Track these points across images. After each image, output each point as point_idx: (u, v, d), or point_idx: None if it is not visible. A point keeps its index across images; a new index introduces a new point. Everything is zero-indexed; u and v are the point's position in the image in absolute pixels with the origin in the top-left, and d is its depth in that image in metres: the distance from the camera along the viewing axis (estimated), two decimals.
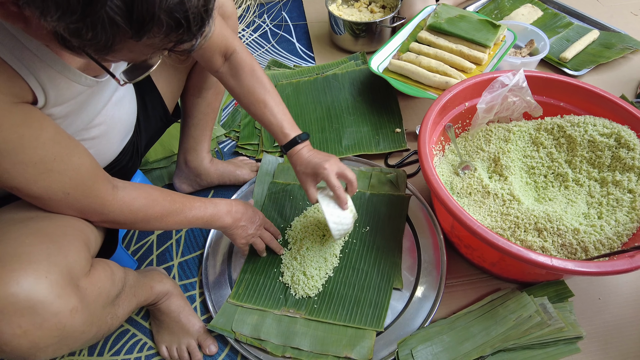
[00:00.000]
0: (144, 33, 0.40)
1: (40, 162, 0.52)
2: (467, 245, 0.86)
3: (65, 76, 0.54)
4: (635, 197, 0.83)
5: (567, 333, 0.79)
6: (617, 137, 0.87)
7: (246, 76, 0.78)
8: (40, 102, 0.52)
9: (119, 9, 0.37)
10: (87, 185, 0.58)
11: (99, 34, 0.39)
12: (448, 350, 0.77)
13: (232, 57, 0.78)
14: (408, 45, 1.20)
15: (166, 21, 0.40)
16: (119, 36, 0.40)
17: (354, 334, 0.80)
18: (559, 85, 0.97)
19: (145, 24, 0.39)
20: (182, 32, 0.42)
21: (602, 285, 0.87)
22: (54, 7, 0.37)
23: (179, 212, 0.71)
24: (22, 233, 0.53)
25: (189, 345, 0.82)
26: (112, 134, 0.71)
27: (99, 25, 0.38)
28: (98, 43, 0.40)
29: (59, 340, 0.50)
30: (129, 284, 0.68)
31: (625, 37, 1.36)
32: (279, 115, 0.79)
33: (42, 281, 0.48)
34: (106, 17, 0.37)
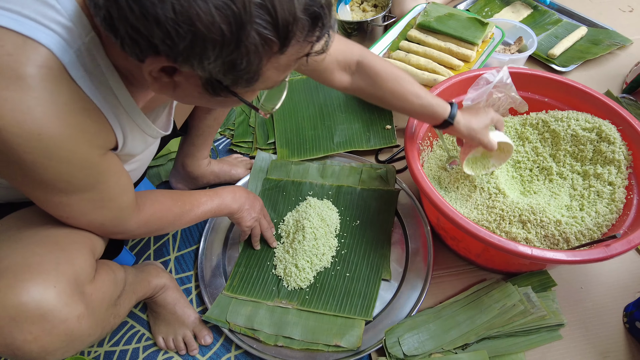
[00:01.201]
0: (289, 40, 0.41)
1: (99, 200, 0.56)
2: (452, 237, 0.88)
3: (142, 129, 0.59)
4: (615, 189, 0.86)
5: (549, 321, 0.82)
6: (598, 131, 0.90)
7: (387, 79, 0.75)
8: (119, 148, 0.57)
9: (265, 22, 0.39)
10: (122, 217, 0.62)
11: (252, 59, 0.41)
12: (434, 338, 0.80)
13: (361, 66, 0.75)
14: (398, 44, 1.23)
15: (305, 19, 0.41)
16: (268, 53, 0.42)
17: (343, 324, 0.83)
18: (544, 81, 0.99)
19: (289, 28, 0.40)
20: (320, 26, 0.43)
21: (584, 274, 0.90)
22: (211, 47, 0.39)
23: (189, 212, 0.74)
24: (32, 241, 0.55)
25: (185, 336, 0.85)
26: (143, 165, 0.75)
27: (251, 49, 0.40)
28: (250, 69, 0.42)
29: (67, 344, 0.53)
30: (128, 283, 0.71)
31: (613, 33, 1.39)
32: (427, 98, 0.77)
33: (50, 290, 0.50)
34: (257, 36, 0.39)
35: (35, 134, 0.44)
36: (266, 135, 1.19)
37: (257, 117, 1.24)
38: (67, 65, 0.45)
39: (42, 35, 0.43)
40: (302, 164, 1.10)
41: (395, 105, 0.78)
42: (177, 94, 0.48)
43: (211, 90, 0.46)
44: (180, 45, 0.38)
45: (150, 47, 0.40)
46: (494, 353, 0.80)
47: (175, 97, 0.50)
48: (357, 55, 0.74)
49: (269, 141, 1.17)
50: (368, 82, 0.76)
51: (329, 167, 1.09)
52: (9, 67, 0.42)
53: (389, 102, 0.78)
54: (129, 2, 0.37)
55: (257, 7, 0.38)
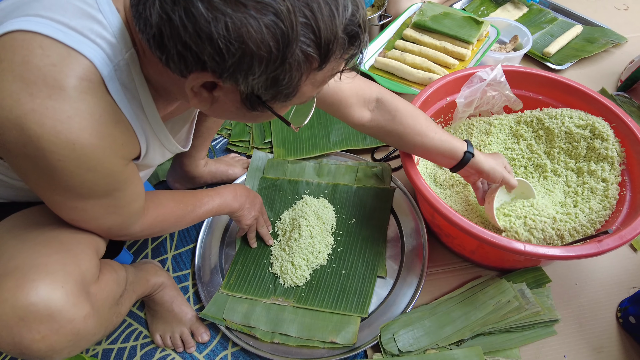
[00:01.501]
0: (329, 57, 0.43)
1: (112, 206, 0.57)
2: (447, 234, 0.89)
3: (163, 144, 0.62)
4: (608, 185, 0.86)
5: (543, 317, 0.82)
6: (591, 128, 0.90)
7: (407, 115, 0.76)
8: (140, 159, 0.58)
9: (310, 41, 0.40)
10: (129, 222, 0.63)
11: (294, 74, 0.42)
12: (429, 335, 0.81)
13: (380, 103, 0.76)
14: (394, 43, 1.23)
15: (345, 38, 0.43)
16: (308, 70, 0.43)
17: (339, 320, 0.84)
18: (538, 79, 1.00)
19: (330, 47, 0.42)
20: (357, 44, 0.45)
21: (578, 271, 0.91)
22: (258, 62, 0.40)
23: (191, 213, 0.75)
24: (38, 241, 0.56)
25: (182, 334, 0.86)
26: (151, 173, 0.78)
27: (294, 65, 0.41)
28: (291, 85, 0.44)
29: (74, 343, 0.53)
30: (129, 282, 0.71)
31: (608, 31, 1.39)
32: (443, 135, 0.78)
33: (58, 291, 0.51)
34: (300, 53, 0.40)
35: (71, 144, 0.45)
36: (263, 135, 1.20)
37: None
38: (106, 78, 0.47)
39: (86, 48, 0.45)
40: (299, 163, 1.11)
41: (415, 141, 0.78)
42: (213, 109, 0.50)
43: (249, 105, 0.47)
44: (229, 61, 0.40)
45: (198, 63, 0.41)
46: (489, 349, 0.80)
47: (212, 111, 0.51)
48: (376, 92, 0.76)
49: (265, 140, 1.18)
50: (388, 117, 0.77)
51: (325, 166, 1.10)
52: (53, 77, 0.43)
53: (409, 138, 0.78)
54: (183, 20, 0.38)
55: (302, 26, 0.39)
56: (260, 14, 0.37)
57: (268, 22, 0.38)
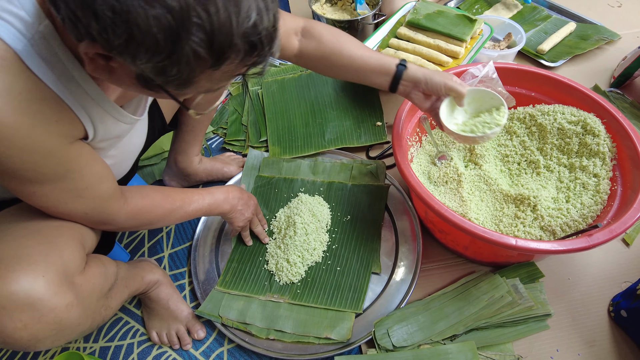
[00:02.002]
0: (223, 61, 0.42)
1: (74, 190, 0.57)
2: (440, 230, 0.90)
3: (113, 116, 0.60)
4: (600, 180, 0.87)
5: (536, 311, 0.83)
6: (583, 124, 0.91)
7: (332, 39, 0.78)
8: (90, 137, 0.58)
9: (201, 41, 0.40)
10: (105, 206, 0.63)
11: (183, 69, 0.42)
12: (423, 330, 0.82)
13: (306, 30, 0.79)
14: (388, 42, 1.24)
15: (242, 46, 0.42)
16: (200, 67, 0.42)
17: (334, 316, 0.85)
18: (530, 76, 1.00)
19: (224, 51, 0.41)
20: (257, 54, 0.44)
21: (571, 266, 0.91)
22: (144, 51, 0.40)
23: (180, 209, 0.75)
24: (22, 234, 0.57)
25: (178, 331, 0.87)
26: (127, 157, 0.76)
27: (183, 60, 0.41)
28: (181, 77, 0.43)
29: (57, 332, 0.54)
30: (120, 277, 0.72)
31: (601, 28, 1.40)
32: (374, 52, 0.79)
33: (39, 280, 0.52)
34: (190, 51, 0.40)
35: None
36: (258, 134, 1.20)
37: (249, 116, 1.25)
38: (22, 54, 0.46)
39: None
40: (294, 161, 1.11)
41: (345, 63, 0.79)
42: (112, 79, 0.48)
43: (144, 83, 0.46)
44: (115, 42, 0.39)
45: (87, 34, 0.40)
46: (482, 343, 0.81)
47: (111, 81, 0.49)
48: (302, 22, 0.79)
49: (261, 139, 1.19)
50: (314, 43, 0.79)
51: (320, 164, 1.10)
52: None
53: (338, 60, 0.79)
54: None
55: (195, 25, 0.39)
56: (149, 5, 0.37)
57: (156, 14, 0.37)
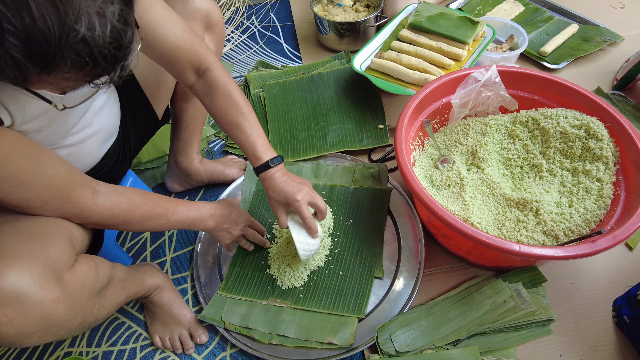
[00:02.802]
0: (50, 70, 0.41)
1: (12, 177, 0.55)
2: (443, 234, 0.90)
3: (29, 95, 0.54)
4: (603, 185, 0.87)
5: (539, 316, 0.83)
6: (586, 128, 0.91)
7: (219, 97, 0.77)
8: (7, 121, 0.55)
9: (17, 47, 0.38)
10: (64, 192, 0.61)
11: (7, 70, 0.40)
12: (425, 335, 0.82)
13: (205, 75, 0.77)
14: (390, 44, 1.24)
15: (72, 58, 0.41)
16: (28, 71, 0.41)
17: (336, 321, 0.85)
18: (533, 79, 1.00)
19: (48, 62, 0.40)
20: (91, 68, 0.43)
21: (574, 270, 0.91)
22: None
23: (161, 216, 0.74)
24: (9, 232, 0.57)
25: (181, 335, 0.87)
26: (92, 140, 0.74)
27: (2, 62, 0.39)
28: (9, 78, 0.41)
29: (44, 328, 0.54)
30: (117, 278, 0.72)
31: (604, 30, 1.40)
32: (251, 138, 0.78)
33: (24, 275, 0.52)
34: (8, 55, 0.39)
35: None
36: None
37: None
38: None
39: None
40: (296, 164, 1.11)
41: (224, 128, 0.80)
42: None
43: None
44: None
45: None
46: (485, 348, 0.81)
47: None
48: (209, 63, 0.77)
49: None
50: (206, 91, 0.78)
51: (322, 167, 1.10)
52: None
53: (220, 122, 0.80)
54: None
55: (7, 31, 0.38)
56: None
57: None
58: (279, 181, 0.79)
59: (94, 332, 0.91)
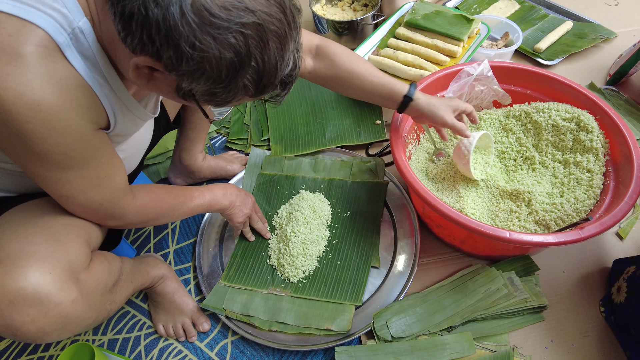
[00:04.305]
0: (262, 94, 0.53)
1: (95, 178, 0.60)
2: (438, 225, 0.92)
3: (133, 112, 0.65)
4: (593, 175, 0.89)
5: (531, 303, 0.85)
6: (577, 121, 0.93)
7: (344, 59, 0.81)
8: (110, 128, 0.62)
9: (252, 79, 0.49)
10: (118, 199, 0.66)
11: (230, 95, 0.51)
12: (420, 321, 0.84)
13: (320, 50, 0.82)
14: (387, 42, 1.26)
15: (278, 84, 0.52)
16: (242, 95, 0.52)
17: (334, 309, 0.87)
18: (525, 74, 1.03)
19: (266, 87, 0.51)
20: (282, 89, 0.55)
21: (566, 259, 0.94)
22: (205, 79, 0.48)
23: (182, 205, 0.79)
24: (31, 232, 0.60)
25: (184, 323, 0.90)
26: (136, 153, 0.80)
27: (233, 90, 0.50)
28: (225, 100, 0.52)
29: (62, 326, 0.57)
30: (125, 272, 0.75)
31: (598, 26, 1.42)
32: (385, 78, 0.83)
33: (46, 276, 0.55)
34: (242, 85, 0.49)
35: (35, 104, 0.49)
36: (260, 133, 1.23)
37: (251, 116, 1.28)
38: (62, 45, 0.50)
39: (39, 19, 0.48)
40: (295, 159, 1.14)
41: (356, 85, 0.83)
42: (149, 85, 0.53)
43: (181, 95, 0.53)
44: (184, 68, 0.47)
45: (155, 54, 0.47)
46: (479, 334, 0.83)
47: (147, 86, 0.54)
48: (317, 40, 0.82)
49: (263, 138, 1.21)
50: (327, 63, 0.82)
51: (320, 162, 1.13)
52: (10, 46, 0.47)
53: (349, 82, 0.83)
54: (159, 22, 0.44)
55: (251, 67, 0.48)
56: (224, 49, 0.45)
57: (227, 55, 0.46)
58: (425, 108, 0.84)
59: None
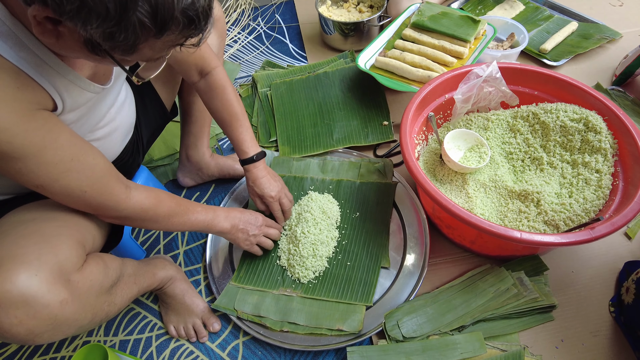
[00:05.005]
0: (164, 31, 0.48)
1: (60, 162, 0.59)
2: (448, 225, 0.93)
3: (78, 85, 0.62)
4: (602, 176, 0.90)
5: (541, 302, 0.86)
6: (585, 121, 0.94)
7: (217, 97, 0.89)
8: (59, 108, 0.60)
9: (146, 12, 0.45)
10: (102, 183, 0.65)
11: (129, 35, 0.47)
12: (431, 321, 0.85)
13: (208, 76, 0.88)
14: (393, 43, 1.27)
15: (181, 19, 0.48)
16: (144, 35, 0.48)
17: (345, 309, 0.88)
18: (533, 75, 1.03)
19: (166, 23, 0.47)
20: (193, 27, 0.50)
21: (574, 259, 0.94)
22: (95, 17, 0.44)
23: (183, 214, 0.79)
24: (20, 235, 0.60)
25: (195, 324, 0.90)
26: (115, 135, 0.78)
27: (130, 28, 0.46)
28: (127, 43, 0.48)
29: (53, 328, 0.57)
30: (127, 274, 0.75)
31: (603, 27, 1.43)
32: (241, 134, 0.91)
33: (32, 279, 0.55)
34: (136, 20, 0.45)
35: None
36: (268, 134, 1.24)
37: (259, 117, 1.28)
38: None
39: None
40: (303, 160, 1.15)
41: (218, 123, 0.93)
42: (60, 44, 0.51)
43: (91, 48, 0.50)
44: (67, 7, 0.43)
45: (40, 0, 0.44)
46: (489, 334, 0.84)
47: (59, 46, 0.52)
48: (213, 67, 0.88)
49: (271, 139, 1.22)
50: (206, 90, 0.90)
51: (329, 163, 1.13)
52: None
53: (215, 118, 0.93)
54: None
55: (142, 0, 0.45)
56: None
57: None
58: (259, 175, 0.94)
59: (111, 322, 0.94)
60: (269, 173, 0.95)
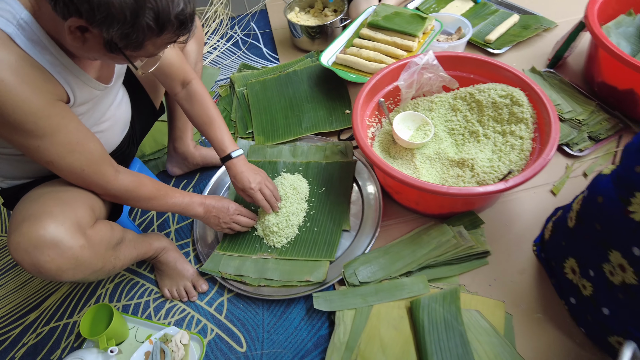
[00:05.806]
0: (164, 31, 0.64)
1: (68, 144, 0.75)
2: (396, 191, 1.09)
3: (87, 84, 0.78)
4: (524, 141, 1.06)
5: (476, 249, 1.01)
6: (511, 97, 1.10)
7: (197, 103, 1.02)
8: (71, 101, 0.76)
9: (151, 17, 0.61)
10: (97, 164, 0.81)
11: (139, 35, 0.63)
12: (383, 269, 1.00)
13: (188, 87, 1.02)
14: (352, 41, 1.44)
15: (175, 22, 0.64)
16: (149, 35, 0.64)
17: (312, 265, 1.04)
18: (469, 61, 1.19)
19: (165, 24, 0.63)
20: (184, 28, 0.67)
21: (507, 214, 1.10)
22: (116, 22, 0.60)
23: (162, 197, 0.93)
24: (48, 198, 0.78)
25: (186, 286, 1.06)
26: (116, 128, 0.95)
27: (140, 29, 0.62)
28: (137, 41, 0.64)
29: (75, 267, 0.75)
30: (128, 239, 0.91)
31: (541, 18, 1.60)
32: (220, 135, 1.02)
33: (60, 227, 0.73)
34: (145, 23, 0.61)
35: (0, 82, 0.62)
36: (245, 127, 1.40)
37: (237, 113, 1.45)
38: (12, 35, 0.63)
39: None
40: (276, 147, 1.31)
41: (198, 128, 1.05)
42: (85, 47, 0.66)
43: (109, 48, 0.65)
44: (97, 16, 0.59)
45: (77, 12, 0.59)
46: (432, 277, 0.99)
47: (84, 49, 0.66)
48: (192, 79, 1.02)
49: (247, 131, 1.38)
50: (187, 98, 1.03)
51: (298, 148, 1.30)
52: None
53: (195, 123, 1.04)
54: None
55: (147, 8, 0.60)
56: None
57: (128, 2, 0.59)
58: (239, 170, 1.02)
59: (114, 290, 1.10)
60: (249, 168, 1.03)
